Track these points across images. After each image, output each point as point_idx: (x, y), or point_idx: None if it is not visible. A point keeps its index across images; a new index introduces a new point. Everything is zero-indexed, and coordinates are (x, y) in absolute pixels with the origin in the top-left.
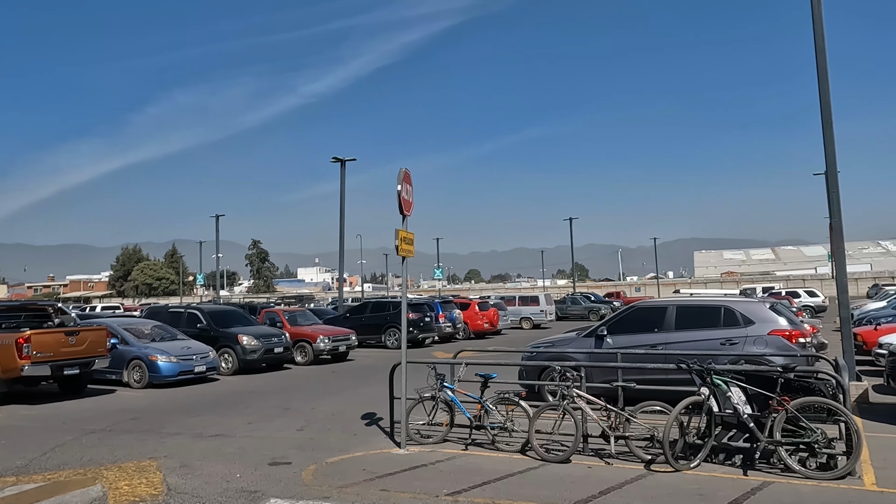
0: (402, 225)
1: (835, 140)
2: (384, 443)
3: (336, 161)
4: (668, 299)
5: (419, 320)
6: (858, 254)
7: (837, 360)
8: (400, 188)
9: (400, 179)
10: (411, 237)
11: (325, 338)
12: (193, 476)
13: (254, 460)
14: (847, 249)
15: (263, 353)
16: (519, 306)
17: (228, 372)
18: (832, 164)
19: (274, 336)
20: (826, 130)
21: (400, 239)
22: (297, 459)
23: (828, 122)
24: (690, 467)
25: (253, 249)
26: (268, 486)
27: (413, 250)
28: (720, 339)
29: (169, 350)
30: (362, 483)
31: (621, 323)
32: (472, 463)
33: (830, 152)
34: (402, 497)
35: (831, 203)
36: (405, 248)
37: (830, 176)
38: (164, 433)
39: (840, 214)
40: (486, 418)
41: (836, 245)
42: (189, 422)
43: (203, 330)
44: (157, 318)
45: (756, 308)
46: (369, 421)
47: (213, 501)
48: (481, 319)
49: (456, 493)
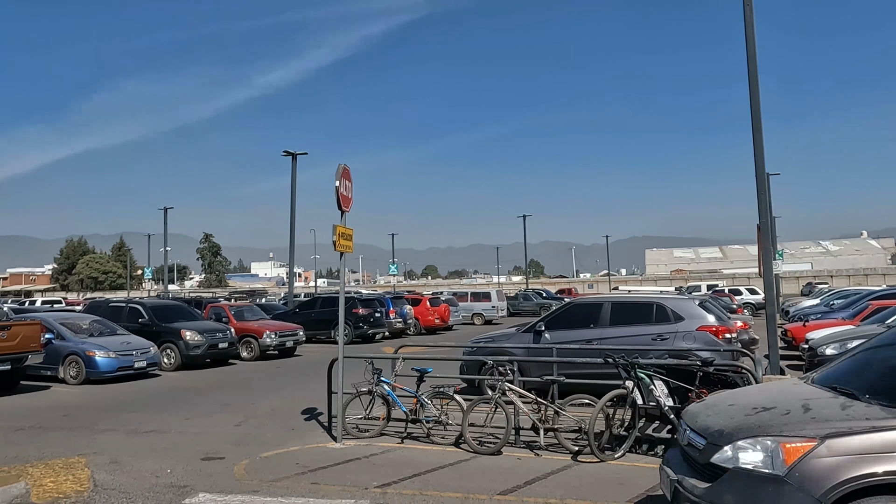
0: (341, 221)
1: (764, 145)
2: (321, 437)
3: (287, 155)
4: (603, 296)
5: (369, 316)
6: (801, 253)
7: (754, 355)
8: (338, 184)
9: (338, 175)
10: (350, 233)
11: (271, 333)
12: (122, 472)
13: (186, 456)
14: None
15: (207, 348)
16: (471, 302)
17: (171, 367)
18: (761, 168)
19: (218, 331)
20: (756, 136)
21: (338, 234)
22: (231, 454)
23: (757, 128)
24: (615, 457)
25: (205, 243)
26: (198, 481)
27: (352, 246)
28: (651, 334)
29: (107, 345)
30: (293, 477)
31: (559, 319)
32: (406, 456)
33: (760, 157)
34: (332, 490)
35: (760, 205)
36: (343, 243)
37: (759, 179)
38: (97, 430)
39: (768, 216)
40: (421, 412)
41: (763, 245)
42: (124, 418)
43: (145, 325)
44: (97, 313)
45: (686, 305)
46: (309, 416)
47: (141, 497)
48: (432, 315)
49: (385, 486)
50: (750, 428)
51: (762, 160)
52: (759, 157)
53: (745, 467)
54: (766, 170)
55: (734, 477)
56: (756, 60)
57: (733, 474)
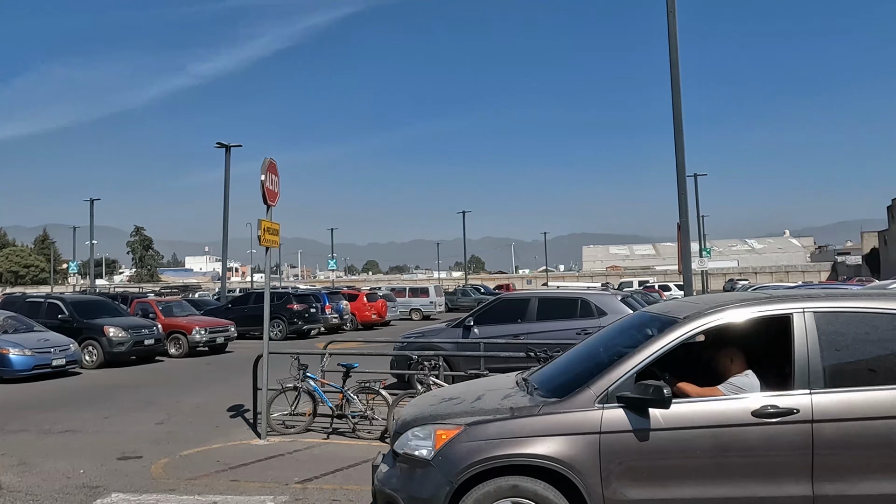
0: (267, 215)
1: (685, 148)
2: (246, 434)
3: (220, 147)
4: (531, 292)
5: (304, 311)
6: (728, 251)
7: None
8: (264, 178)
9: (264, 169)
10: (276, 227)
11: (201, 329)
12: (31, 474)
13: (102, 455)
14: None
15: (132, 345)
16: (409, 297)
17: (93, 365)
18: (682, 170)
19: (144, 327)
20: (677, 138)
21: (263, 229)
22: (149, 453)
23: (679, 131)
24: None
25: (136, 236)
26: (112, 481)
27: (278, 240)
28: (576, 329)
29: (23, 342)
30: (213, 474)
31: (487, 314)
32: (330, 451)
33: (680, 159)
34: (251, 486)
35: (680, 205)
36: (269, 238)
37: (680, 180)
38: (6, 430)
39: (687, 214)
40: (347, 407)
41: (682, 243)
42: (37, 418)
43: (65, 321)
44: (12, 309)
45: (609, 300)
46: (235, 413)
47: (49, 498)
48: (369, 310)
49: (306, 481)
50: (424, 417)
51: (683, 163)
52: (679, 160)
53: (408, 452)
54: (686, 171)
55: (402, 461)
56: (678, 66)
57: (402, 458)
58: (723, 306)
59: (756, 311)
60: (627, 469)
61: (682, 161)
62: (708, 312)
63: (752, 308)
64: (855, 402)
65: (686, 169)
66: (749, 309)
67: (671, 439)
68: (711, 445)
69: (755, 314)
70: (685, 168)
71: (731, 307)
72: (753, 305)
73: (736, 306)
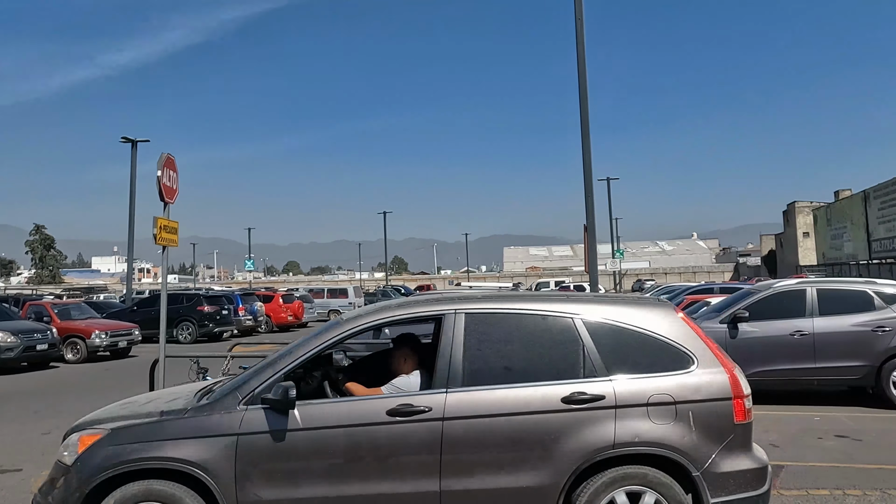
0: (164, 213)
1: (591, 153)
2: None
3: (126, 141)
4: (436, 293)
5: (216, 313)
6: (640, 252)
7: None
8: (160, 174)
9: (160, 165)
10: (175, 226)
11: (101, 333)
12: None
13: None
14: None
15: (22, 350)
16: (327, 298)
17: None
18: (588, 174)
19: (37, 332)
20: (584, 143)
21: (159, 227)
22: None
23: (586, 137)
24: None
25: (35, 235)
26: None
27: (177, 239)
28: None
29: None
30: None
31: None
32: None
33: (587, 163)
34: None
35: (587, 207)
36: (166, 236)
37: (586, 184)
38: None
39: (593, 217)
40: None
41: (589, 244)
42: None
43: None
44: None
45: None
46: None
47: None
48: (285, 312)
49: None
50: (86, 422)
51: (589, 167)
52: (586, 164)
53: (59, 459)
54: (592, 175)
55: (54, 469)
56: (585, 73)
57: (55, 466)
58: (382, 310)
59: (410, 313)
60: (263, 470)
61: (588, 165)
62: (362, 316)
63: (406, 310)
64: (483, 401)
65: (593, 173)
66: (404, 311)
67: (307, 439)
68: (345, 445)
69: (407, 316)
70: (592, 172)
71: (388, 311)
72: (409, 308)
73: (393, 309)
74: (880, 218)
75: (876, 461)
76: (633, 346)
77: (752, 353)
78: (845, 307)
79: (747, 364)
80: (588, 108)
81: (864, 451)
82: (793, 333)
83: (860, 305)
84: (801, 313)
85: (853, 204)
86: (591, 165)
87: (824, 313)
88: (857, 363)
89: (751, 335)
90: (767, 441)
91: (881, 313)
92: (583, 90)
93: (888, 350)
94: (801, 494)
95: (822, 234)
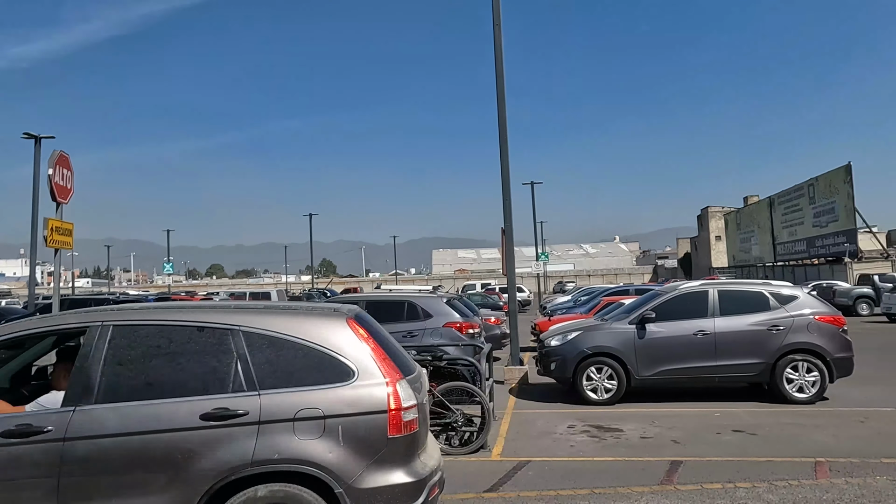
0: (56, 213)
1: (509, 157)
2: None
3: (28, 137)
4: (358, 295)
5: None
6: (565, 255)
7: (480, 349)
8: (52, 172)
9: (52, 163)
10: (69, 227)
11: None
12: None
13: None
14: (556, 251)
15: None
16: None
17: None
18: (506, 178)
19: None
20: (502, 148)
21: (51, 229)
22: None
23: (503, 140)
24: None
25: None
26: None
27: (72, 242)
28: (403, 331)
29: None
30: None
31: None
32: None
33: (505, 167)
34: None
35: (505, 211)
36: (59, 238)
37: (504, 187)
38: None
39: (511, 220)
40: None
41: (507, 247)
42: None
43: None
44: None
45: (434, 303)
46: None
47: None
48: None
49: None
50: None
51: (507, 171)
52: (504, 168)
53: None
54: (510, 179)
55: None
56: (503, 79)
57: None
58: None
59: (51, 326)
60: None
61: (506, 169)
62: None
63: (49, 323)
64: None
65: (511, 177)
66: (44, 324)
67: None
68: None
69: (47, 329)
70: (510, 176)
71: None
72: (53, 321)
73: (35, 322)
74: (784, 223)
75: (768, 454)
76: (292, 359)
77: (658, 352)
78: (744, 307)
79: (655, 363)
80: (506, 112)
81: (757, 445)
82: (696, 333)
83: (757, 306)
84: (703, 314)
85: (760, 209)
86: (508, 169)
87: (725, 313)
88: (754, 360)
89: (657, 335)
90: (670, 438)
91: (776, 313)
92: (500, 95)
93: (782, 348)
94: (695, 489)
95: (732, 238)
